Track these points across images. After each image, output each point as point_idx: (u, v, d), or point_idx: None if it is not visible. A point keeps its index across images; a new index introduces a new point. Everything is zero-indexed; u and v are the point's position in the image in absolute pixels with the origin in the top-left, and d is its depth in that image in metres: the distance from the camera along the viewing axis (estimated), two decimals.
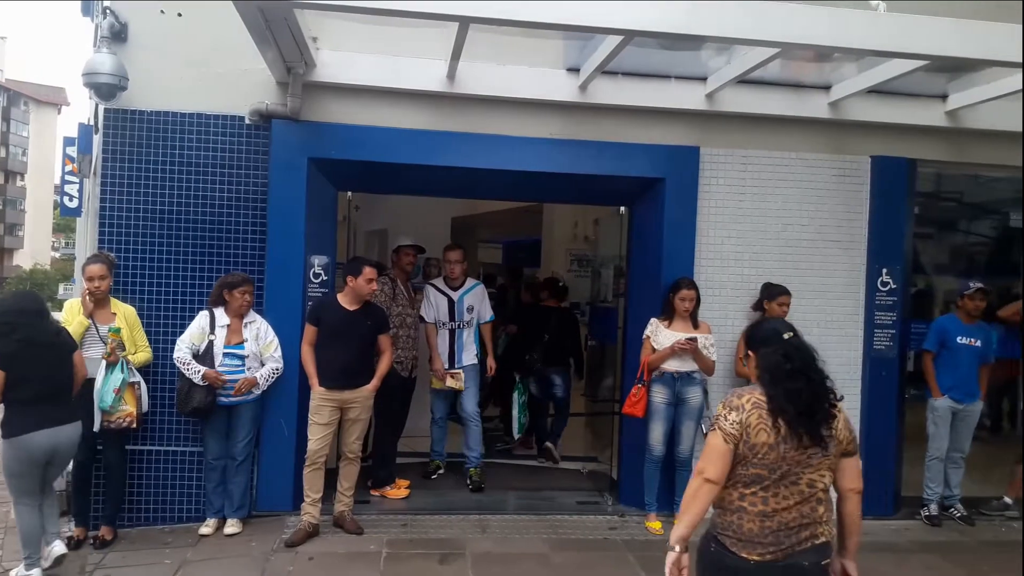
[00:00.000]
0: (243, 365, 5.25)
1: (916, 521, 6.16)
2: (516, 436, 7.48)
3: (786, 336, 2.93)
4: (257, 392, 5.36)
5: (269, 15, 4.35)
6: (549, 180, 5.98)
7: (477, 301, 6.50)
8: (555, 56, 5.72)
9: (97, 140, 5.62)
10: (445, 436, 6.76)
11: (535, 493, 6.49)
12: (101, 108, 5.51)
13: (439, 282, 6.52)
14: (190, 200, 5.51)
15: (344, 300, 5.35)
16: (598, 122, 5.88)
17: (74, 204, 12.78)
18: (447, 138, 5.70)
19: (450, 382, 6.32)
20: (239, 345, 5.25)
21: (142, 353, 5.19)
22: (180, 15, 5.43)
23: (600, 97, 5.77)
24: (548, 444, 7.45)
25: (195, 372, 5.11)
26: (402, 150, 5.66)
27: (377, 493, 6.17)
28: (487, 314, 6.59)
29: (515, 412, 7.20)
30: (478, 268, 10.81)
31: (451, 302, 6.39)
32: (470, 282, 6.57)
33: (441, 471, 6.71)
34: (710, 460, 2.79)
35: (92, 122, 5.69)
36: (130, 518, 5.44)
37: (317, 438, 5.23)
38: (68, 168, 12.46)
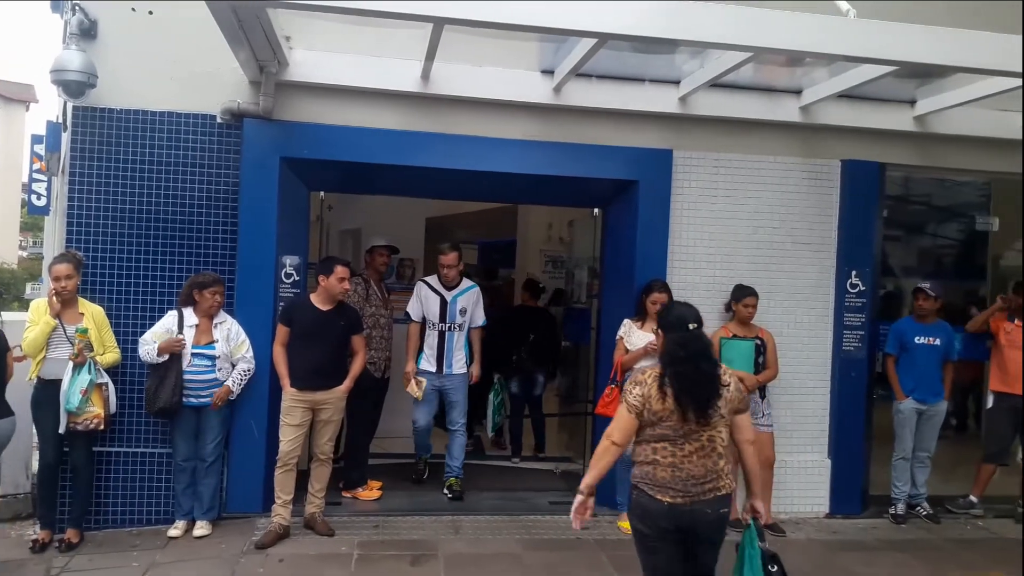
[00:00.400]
0: (213, 366, 5.21)
1: (883, 519, 6.26)
2: (491, 434, 7.49)
3: (691, 327, 3.37)
4: (231, 397, 5.34)
5: (241, 14, 4.30)
6: (523, 181, 5.99)
7: (471, 304, 6.20)
8: (530, 58, 5.72)
9: (66, 138, 5.53)
10: (429, 437, 6.47)
11: (508, 493, 6.49)
12: (70, 106, 5.43)
13: (433, 280, 6.21)
14: (160, 199, 5.44)
15: (317, 300, 5.31)
16: (572, 124, 5.90)
17: (42, 202, 12.59)
18: (421, 139, 5.69)
19: (410, 388, 6.06)
20: (209, 345, 5.20)
21: (110, 354, 5.12)
22: (151, 13, 5.37)
23: (574, 99, 5.79)
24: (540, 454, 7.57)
25: (152, 349, 5.08)
26: (376, 150, 5.63)
27: (349, 494, 6.14)
28: (479, 319, 6.29)
29: (490, 411, 7.18)
30: None
31: (443, 302, 6.11)
32: (466, 283, 6.24)
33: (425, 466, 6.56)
34: (617, 427, 3.35)
35: (61, 120, 5.60)
36: (97, 520, 5.37)
37: (288, 439, 5.19)
38: (36, 166, 12.28)
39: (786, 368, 6.00)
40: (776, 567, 3.45)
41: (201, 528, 5.29)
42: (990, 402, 6.43)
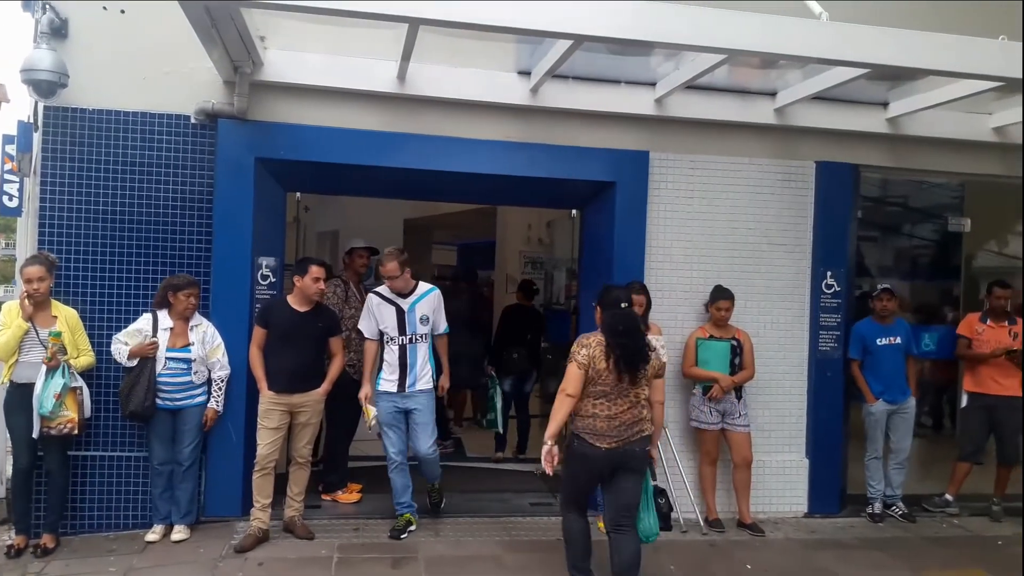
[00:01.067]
0: (188, 369, 5.16)
1: (861, 518, 6.32)
2: (502, 431, 7.42)
3: (623, 306, 4.19)
4: (220, 411, 5.34)
5: (215, 13, 4.27)
6: (501, 182, 5.99)
7: (432, 310, 5.49)
8: (506, 59, 5.72)
9: (37, 138, 5.46)
10: (410, 483, 5.55)
11: (488, 495, 6.48)
12: (41, 106, 5.36)
13: (384, 289, 5.49)
14: (134, 200, 5.39)
15: (294, 302, 5.28)
16: (549, 125, 5.91)
17: (14, 204, 12.37)
18: (398, 139, 5.67)
19: (366, 417, 5.47)
20: (184, 348, 5.15)
21: (84, 357, 5.06)
22: (123, 12, 5.31)
23: (551, 101, 5.79)
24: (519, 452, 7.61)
25: (123, 349, 5.05)
26: (352, 151, 5.60)
27: (328, 498, 6.11)
28: (442, 325, 5.60)
29: (499, 406, 7.20)
30: (432, 270, 10.76)
31: (400, 312, 5.44)
32: (423, 287, 5.55)
33: (412, 528, 5.48)
34: (570, 382, 4.14)
35: (32, 120, 5.53)
36: (73, 525, 5.31)
37: (266, 443, 5.15)
38: (7, 167, 12.08)
39: (763, 368, 6.04)
40: (664, 500, 4.59)
41: (179, 532, 5.23)
42: (964, 402, 6.50)
